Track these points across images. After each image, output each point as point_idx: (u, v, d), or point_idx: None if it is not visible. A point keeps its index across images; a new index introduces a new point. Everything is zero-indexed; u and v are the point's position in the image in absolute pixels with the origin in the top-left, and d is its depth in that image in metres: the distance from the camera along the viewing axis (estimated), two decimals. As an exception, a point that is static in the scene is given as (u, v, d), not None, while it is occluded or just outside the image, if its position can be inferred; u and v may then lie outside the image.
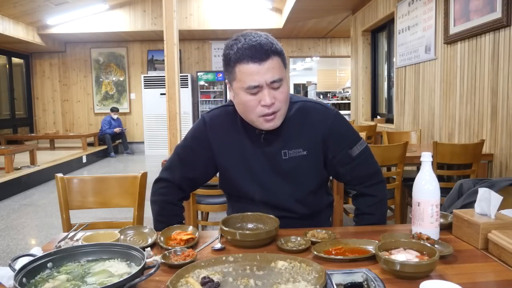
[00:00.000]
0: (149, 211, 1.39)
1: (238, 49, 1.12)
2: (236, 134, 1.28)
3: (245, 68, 1.12)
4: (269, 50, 1.11)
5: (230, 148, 1.29)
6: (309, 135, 1.25)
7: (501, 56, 2.90)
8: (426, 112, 4.14)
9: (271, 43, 1.13)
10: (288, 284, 0.82)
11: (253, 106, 1.15)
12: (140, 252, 0.88)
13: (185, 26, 8.04)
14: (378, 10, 5.45)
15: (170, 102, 4.73)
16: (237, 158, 1.28)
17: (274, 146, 1.25)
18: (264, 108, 1.14)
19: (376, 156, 1.39)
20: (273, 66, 1.12)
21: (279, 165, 1.25)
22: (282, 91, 1.16)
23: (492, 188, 1.27)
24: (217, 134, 1.30)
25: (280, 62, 1.14)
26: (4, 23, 7.14)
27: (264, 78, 1.11)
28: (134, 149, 9.44)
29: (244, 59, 1.11)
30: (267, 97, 1.12)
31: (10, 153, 5.48)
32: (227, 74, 1.18)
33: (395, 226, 1.60)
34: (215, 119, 1.32)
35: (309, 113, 1.27)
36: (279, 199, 1.27)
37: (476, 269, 0.94)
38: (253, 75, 1.11)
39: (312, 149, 1.25)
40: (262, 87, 1.13)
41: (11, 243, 3.46)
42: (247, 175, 1.28)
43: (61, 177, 1.61)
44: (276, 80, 1.13)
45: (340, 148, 1.27)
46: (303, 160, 1.25)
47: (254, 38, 1.13)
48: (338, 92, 11.92)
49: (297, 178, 1.26)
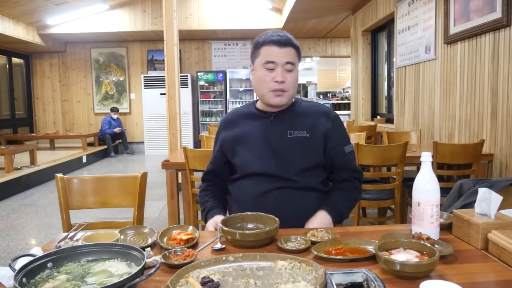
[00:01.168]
0: (148, 211, 1.39)
1: (267, 36, 1.41)
2: (246, 122, 1.52)
3: (269, 49, 1.40)
4: (289, 41, 1.40)
5: (237, 132, 1.51)
6: (313, 125, 1.46)
7: (501, 56, 2.90)
8: (426, 112, 4.14)
9: (293, 38, 1.43)
10: (288, 284, 0.82)
11: (267, 81, 1.40)
12: (140, 252, 0.88)
13: (185, 26, 8.04)
14: (378, 10, 5.45)
15: (170, 102, 4.73)
16: (242, 139, 1.49)
17: (281, 128, 1.46)
18: (275, 84, 1.38)
19: (376, 156, 1.44)
20: (290, 53, 1.40)
21: (283, 142, 1.44)
22: (292, 76, 1.41)
23: (492, 188, 1.27)
24: (227, 127, 1.55)
25: (295, 53, 1.42)
26: (4, 23, 7.14)
27: (281, 58, 1.38)
28: (134, 149, 9.44)
29: (269, 42, 1.40)
30: (280, 75, 1.38)
31: (10, 153, 5.48)
32: (253, 55, 1.45)
33: (395, 226, 1.60)
34: (228, 117, 1.60)
35: (315, 110, 1.50)
36: (280, 171, 1.42)
37: (476, 269, 0.94)
38: (273, 54, 1.39)
39: (314, 134, 1.45)
40: (277, 66, 1.38)
41: (11, 243, 3.46)
42: (251, 151, 1.46)
43: (61, 177, 1.61)
44: (290, 61, 1.39)
45: (339, 141, 1.48)
46: (305, 140, 1.44)
47: (280, 32, 1.42)
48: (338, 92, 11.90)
49: (297, 154, 1.43)
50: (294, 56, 1.41)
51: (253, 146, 1.46)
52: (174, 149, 4.70)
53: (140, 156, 8.93)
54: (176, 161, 2.85)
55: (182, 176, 2.88)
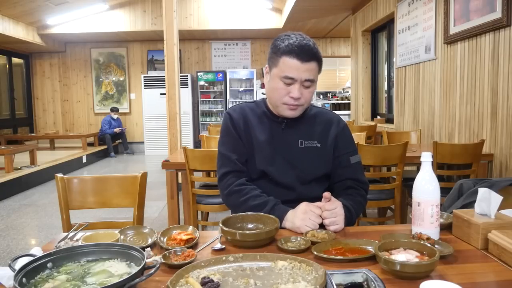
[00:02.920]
0: (149, 211, 1.39)
1: (289, 44, 1.28)
2: (258, 121, 1.45)
3: (289, 61, 1.28)
4: (314, 55, 1.28)
5: (253, 132, 1.44)
6: (323, 133, 1.44)
7: (501, 56, 2.90)
8: (426, 112, 4.13)
9: (316, 49, 1.30)
10: (288, 284, 0.82)
11: (282, 94, 1.32)
12: (140, 252, 0.88)
13: (185, 26, 8.04)
14: (378, 10, 5.45)
15: (170, 102, 4.73)
16: (259, 140, 1.42)
17: (293, 136, 1.42)
18: (290, 99, 1.32)
19: (376, 156, 1.43)
20: (312, 68, 1.29)
21: (294, 151, 1.41)
22: (310, 91, 1.34)
23: (492, 188, 1.27)
24: (241, 121, 1.45)
25: (317, 67, 1.32)
26: (4, 23, 7.14)
27: (301, 75, 1.28)
28: (134, 149, 9.44)
29: (291, 54, 1.27)
30: (297, 91, 1.30)
31: (10, 153, 5.48)
32: (271, 60, 1.34)
33: (395, 226, 1.60)
34: (238, 109, 1.48)
35: (325, 117, 1.47)
36: (290, 181, 1.40)
37: (476, 269, 0.94)
38: (293, 69, 1.28)
39: (325, 144, 1.42)
40: (295, 81, 1.29)
41: (11, 243, 3.46)
42: (269, 155, 1.41)
43: (61, 177, 1.61)
44: (309, 79, 1.30)
45: (345, 151, 1.44)
46: (316, 151, 1.41)
47: (304, 41, 1.29)
48: (338, 92, 11.89)
49: (307, 164, 1.40)
50: (315, 71, 1.31)
51: (264, 151, 1.41)
52: (174, 149, 4.70)
53: (140, 156, 8.93)
54: (176, 161, 2.85)
55: (182, 176, 2.88)
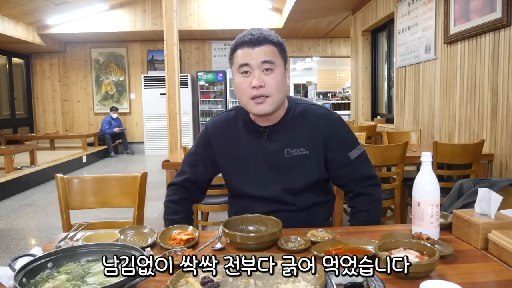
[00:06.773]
0: (149, 211, 1.39)
1: (238, 38, 1.23)
2: (239, 134, 1.34)
3: (241, 52, 1.21)
4: (264, 38, 1.20)
5: (232, 148, 1.35)
6: (311, 136, 1.30)
7: (501, 56, 2.90)
8: (426, 112, 4.13)
9: (268, 34, 1.22)
10: (288, 284, 0.82)
11: (244, 89, 1.21)
12: (140, 252, 0.88)
13: (185, 26, 8.03)
14: (378, 10, 5.45)
15: (170, 102, 4.72)
16: (238, 157, 1.33)
17: (277, 144, 1.30)
18: (253, 90, 1.19)
19: (376, 156, 1.40)
20: (266, 51, 1.19)
21: (280, 162, 1.30)
22: (274, 77, 1.20)
23: (492, 188, 1.27)
24: (219, 137, 1.37)
25: (275, 50, 1.22)
26: (4, 23, 7.14)
27: (255, 59, 1.19)
28: (134, 149, 9.44)
29: (242, 44, 1.21)
30: (256, 78, 1.18)
31: (10, 153, 5.48)
32: (229, 61, 1.27)
33: (395, 226, 1.60)
34: (217, 124, 1.39)
35: (312, 115, 1.32)
36: (277, 194, 1.31)
37: (476, 269, 0.94)
38: (245, 56, 1.20)
39: (313, 149, 1.30)
40: (252, 68, 1.19)
41: (11, 243, 3.46)
42: (246, 172, 1.33)
43: (61, 177, 1.61)
44: (267, 60, 1.19)
45: (340, 150, 1.32)
46: (304, 159, 1.29)
47: (254, 31, 1.22)
48: (338, 92, 11.91)
49: (296, 175, 1.30)
50: (272, 53, 1.20)
51: (248, 165, 1.31)
52: (174, 149, 4.70)
53: (140, 156, 8.93)
54: (176, 161, 2.85)
55: (182, 176, 2.88)
